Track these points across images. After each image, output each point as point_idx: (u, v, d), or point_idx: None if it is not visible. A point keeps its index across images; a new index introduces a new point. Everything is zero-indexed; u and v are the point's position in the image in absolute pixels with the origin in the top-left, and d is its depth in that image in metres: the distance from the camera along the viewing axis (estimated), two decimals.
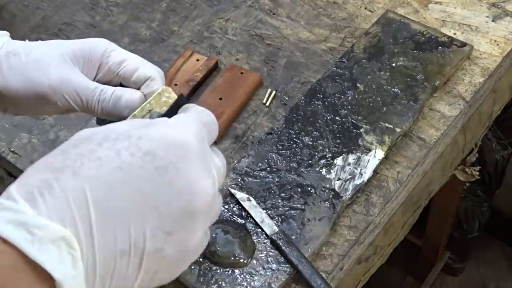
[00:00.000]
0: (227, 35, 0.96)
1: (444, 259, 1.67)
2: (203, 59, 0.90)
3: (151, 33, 0.97)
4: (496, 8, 0.95)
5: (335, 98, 0.83)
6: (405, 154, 0.79)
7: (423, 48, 0.87)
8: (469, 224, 1.62)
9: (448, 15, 0.94)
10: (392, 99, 0.82)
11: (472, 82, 0.86)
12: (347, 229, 0.73)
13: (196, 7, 1.01)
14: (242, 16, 0.98)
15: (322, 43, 0.93)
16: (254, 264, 0.69)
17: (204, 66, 0.89)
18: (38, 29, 0.99)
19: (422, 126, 0.82)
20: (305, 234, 0.71)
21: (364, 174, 0.76)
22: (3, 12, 1.02)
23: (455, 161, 0.98)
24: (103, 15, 1.01)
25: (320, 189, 0.75)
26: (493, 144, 1.53)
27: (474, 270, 1.74)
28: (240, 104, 0.85)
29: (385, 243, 0.84)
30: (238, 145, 0.82)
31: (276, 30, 0.96)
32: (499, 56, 0.89)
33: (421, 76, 0.84)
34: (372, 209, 0.75)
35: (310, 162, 0.77)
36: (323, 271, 0.70)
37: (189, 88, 0.87)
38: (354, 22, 0.96)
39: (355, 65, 0.87)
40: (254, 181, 0.76)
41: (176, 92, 0.56)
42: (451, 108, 0.84)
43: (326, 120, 0.81)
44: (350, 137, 0.79)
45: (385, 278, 1.65)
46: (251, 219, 0.72)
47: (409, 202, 0.84)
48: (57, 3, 1.03)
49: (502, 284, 1.71)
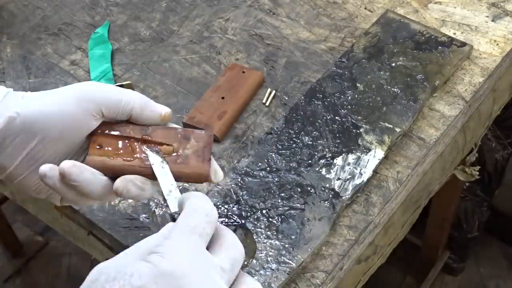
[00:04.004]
0: (227, 35, 0.96)
1: (443, 259, 1.67)
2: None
3: (151, 33, 0.97)
4: (496, 8, 0.95)
5: (335, 98, 0.83)
6: (405, 154, 0.80)
7: (423, 48, 0.88)
8: (469, 223, 1.62)
9: (448, 15, 0.94)
10: (392, 99, 0.82)
11: (472, 82, 0.86)
12: (347, 229, 0.73)
13: (196, 7, 1.01)
14: (242, 16, 0.98)
15: (322, 43, 0.93)
16: (254, 264, 0.69)
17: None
18: (38, 28, 0.99)
19: (421, 126, 0.82)
20: (305, 234, 0.71)
21: (364, 174, 0.76)
22: (3, 12, 1.02)
23: (455, 161, 0.98)
24: (103, 15, 1.01)
25: (320, 189, 0.75)
26: (493, 144, 1.53)
27: (473, 269, 1.74)
28: (243, 103, 0.85)
29: (384, 242, 0.84)
30: (238, 145, 0.82)
31: (276, 30, 0.96)
32: (499, 56, 0.89)
33: (421, 76, 0.84)
34: (372, 209, 0.75)
35: (310, 162, 0.77)
36: (323, 271, 0.70)
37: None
38: (354, 22, 0.96)
39: (355, 65, 0.87)
40: (254, 181, 0.76)
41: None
42: (451, 108, 0.84)
43: (326, 120, 0.81)
44: (350, 137, 0.79)
45: (385, 278, 1.65)
46: (250, 218, 0.72)
47: (409, 202, 0.84)
48: (57, 3, 1.03)
49: (502, 284, 1.71)
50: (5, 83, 0.92)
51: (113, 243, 0.76)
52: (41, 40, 0.97)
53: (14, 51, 0.96)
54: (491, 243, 1.76)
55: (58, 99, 0.56)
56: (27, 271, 1.78)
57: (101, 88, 0.58)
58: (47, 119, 0.55)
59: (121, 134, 0.58)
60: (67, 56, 0.95)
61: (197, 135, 0.59)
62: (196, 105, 0.85)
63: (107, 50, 0.94)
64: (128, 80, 0.90)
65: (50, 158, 0.56)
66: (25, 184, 0.57)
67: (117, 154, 0.57)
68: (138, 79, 0.91)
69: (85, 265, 1.78)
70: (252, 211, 0.73)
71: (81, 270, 1.79)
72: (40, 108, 0.55)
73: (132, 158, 0.56)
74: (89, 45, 0.96)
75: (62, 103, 0.56)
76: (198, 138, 0.59)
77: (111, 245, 0.78)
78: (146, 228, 0.75)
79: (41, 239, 1.84)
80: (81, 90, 0.57)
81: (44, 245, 1.83)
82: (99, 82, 0.60)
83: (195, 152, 0.58)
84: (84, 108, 0.56)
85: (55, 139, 0.55)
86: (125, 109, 0.57)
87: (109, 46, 0.95)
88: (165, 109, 0.59)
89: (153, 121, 0.58)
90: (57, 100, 0.56)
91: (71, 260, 1.81)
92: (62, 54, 0.95)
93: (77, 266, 1.79)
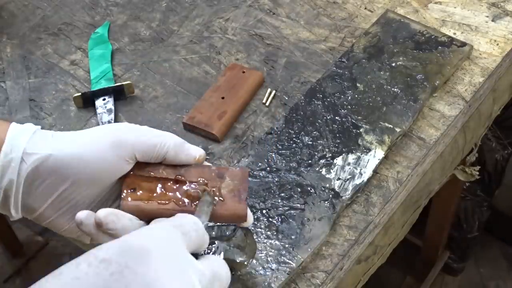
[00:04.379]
0: (227, 35, 0.96)
1: (443, 259, 1.67)
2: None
3: (151, 33, 0.97)
4: (496, 8, 0.95)
5: (335, 98, 0.83)
6: (405, 154, 0.79)
7: (423, 48, 0.88)
8: (469, 223, 1.62)
9: (448, 15, 0.94)
10: (392, 99, 0.82)
11: (472, 82, 0.86)
12: (347, 229, 0.73)
13: (195, 7, 1.01)
14: (242, 16, 0.98)
15: (322, 43, 0.93)
16: (254, 264, 0.69)
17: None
18: (38, 28, 0.99)
19: (422, 126, 0.82)
20: (305, 234, 0.71)
21: (364, 174, 0.76)
22: (2, 12, 1.02)
23: (455, 161, 0.98)
24: (103, 15, 1.01)
25: (320, 189, 0.75)
26: (493, 144, 1.53)
27: (473, 270, 1.74)
28: (243, 103, 0.85)
29: (385, 243, 0.84)
30: (238, 145, 0.82)
31: (276, 30, 0.96)
32: (499, 56, 0.89)
33: (421, 76, 0.84)
34: (372, 209, 0.75)
35: (310, 162, 0.77)
36: (323, 271, 0.70)
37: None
38: (354, 22, 0.96)
39: (355, 65, 0.87)
40: (254, 180, 0.76)
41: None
42: (451, 108, 0.84)
43: (326, 120, 0.81)
44: (350, 137, 0.79)
45: (385, 278, 1.65)
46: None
47: (409, 202, 0.84)
48: (56, 3, 1.03)
49: (502, 284, 1.71)
50: (5, 83, 0.92)
51: None
52: (41, 40, 0.97)
53: (14, 51, 0.96)
54: (491, 243, 1.76)
55: (91, 142, 0.55)
56: (27, 271, 1.78)
57: (136, 131, 0.56)
58: (80, 163, 0.54)
59: (154, 175, 0.56)
60: (67, 56, 0.95)
61: (232, 172, 0.57)
62: (196, 105, 0.85)
63: (107, 50, 0.94)
64: (128, 80, 0.90)
65: (81, 200, 0.55)
66: (55, 225, 0.56)
67: (151, 197, 0.55)
68: (138, 79, 0.91)
69: None
70: (252, 211, 0.73)
71: None
72: (72, 150, 0.54)
73: (167, 201, 0.55)
74: (89, 45, 0.96)
75: (95, 147, 0.55)
76: (233, 176, 0.57)
77: None
78: None
79: (41, 239, 1.84)
80: (115, 135, 0.55)
81: (44, 245, 1.83)
82: (135, 126, 0.57)
83: (230, 192, 0.56)
84: (118, 153, 0.55)
85: (87, 182, 0.54)
86: (159, 154, 0.56)
87: (109, 46, 0.95)
88: (199, 152, 0.58)
89: (186, 163, 0.57)
90: (90, 143, 0.55)
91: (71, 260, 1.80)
92: (62, 54, 0.95)
93: None
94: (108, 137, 0.55)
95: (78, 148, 0.54)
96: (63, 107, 0.88)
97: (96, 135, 0.56)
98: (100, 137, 0.55)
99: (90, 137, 0.55)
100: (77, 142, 0.55)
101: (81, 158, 0.54)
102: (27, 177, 0.53)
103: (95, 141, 0.55)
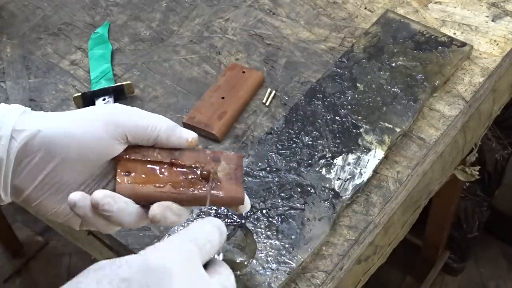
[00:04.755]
0: (227, 35, 0.96)
1: (444, 259, 1.67)
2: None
3: (151, 33, 0.97)
4: (496, 8, 0.95)
5: (335, 98, 0.83)
6: (405, 154, 0.79)
7: (423, 48, 0.88)
8: (469, 223, 1.62)
9: (448, 15, 0.94)
10: (392, 99, 0.82)
11: (472, 82, 0.86)
12: (347, 229, 0.73)
13: (195, 7, 1.01)
14: (242, 16, 0.98)
15: (322, 43, 0.93)
16: (254, 264, 0.69)
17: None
18: (38, 28, 0.99)
19: (422, 126, 0.82)
20: (305, 234, 0.71)
21: (364, 174, 0.76)
22: (2, 12, 1.02)
23: (455, 161, 0.98)
24: (103, 15, 1.01)
25: (320, 189, 0.75)
26: (493, 144, 1.52)
27: (473, 269, 1.74)
28: (243, 103, 0.85)
29: (385, 243, 0.84)
30: (238, 145, 0.82)
31: (276, 30, 0.96)
32: (499, 56, 0.89)
33: (421, 76, 0.84)
34: (372, 209, 0.75)
35: (310, 162, 0.77)
36: (323, 271, 0.70)
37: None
38: (354, 22, 0.96)
39: (355, 65, 0.87)
40: (254, 181, 0.76)
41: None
42: (451, 108, 0.84)
43: (326, 120, 0.81)
44: (350, 137, 0.79)
45: (385, 278, 1.65)
46: (250, 218, 0.72)
47: (409, 202, 0.84)
48: (56, 3, 1.03)
49: (502, 284, 1.71)
50: (5, 83, 0.92)
51: (112, 243, 0.76)
52: (41, 40, 0.97)
53: (14, 51, 0.96)
54: (491, 243, 1.76)
55: (83, 119, 0.54)
56: (27, 271, 1.78)
57: (128, 112, 0.55)
58: (69, 139, 0.53)
59: (149, 159, 0.55)
60: (67, 56, 0.95)
61: (227, 156, 0.57)
62: (196, 105, 0.85)
63: (107, 50, 0.94)
64: (128, 80, 0.90)
65: (70, 181, 0.54)
66: (42, 208, 0.55)
67: (146, 181, 0.54)
68: (138, 79, 0.91)
69: (85, 265, 1.75)
70: (252, 211, 0.73)
71: (81, 270, 1.78)
72: (61, 127, 0.53)
73: (163, 184, 0.54)
74: (89, 45, 0.96)
75: (86, 124, 0.53)
76: (229, 160, 0.56)
77: (110, 245, 0.78)
78: (146, 228, 0.75)
79: (41, 239, 1.84)
80: (108, 113, 0.54)
81: (44, 245, 1.83)
82: (126, 106, 0.56)
83: (226, 175, 0.56)
84: (110, 131, 0.53)
85: (76, 161, 0.53)
86: (151, 135, 0.55)
87: (109, 46, 0.95)
88: (191, 135, 0.57)
89: (179, 146, 0.56)
90: (82, 120, 0.54)
91: (71, 260, 1.81)
92: (62, 54, 0.95)
93: (77, 266, 1.79)
94: (99, 116, 0.54)
95: (68, 125, 0.53)
96: (63, 107, 0.88)
97: (88, 114, 0.55)
98: (92, 115, 0.54)
99: (81, 115, 0.54)
100: (68, 120, 0.54)
101: (71, 135, 0.53)
102: (16, 155, 0.52)
103: (87, 118, 0.54)
